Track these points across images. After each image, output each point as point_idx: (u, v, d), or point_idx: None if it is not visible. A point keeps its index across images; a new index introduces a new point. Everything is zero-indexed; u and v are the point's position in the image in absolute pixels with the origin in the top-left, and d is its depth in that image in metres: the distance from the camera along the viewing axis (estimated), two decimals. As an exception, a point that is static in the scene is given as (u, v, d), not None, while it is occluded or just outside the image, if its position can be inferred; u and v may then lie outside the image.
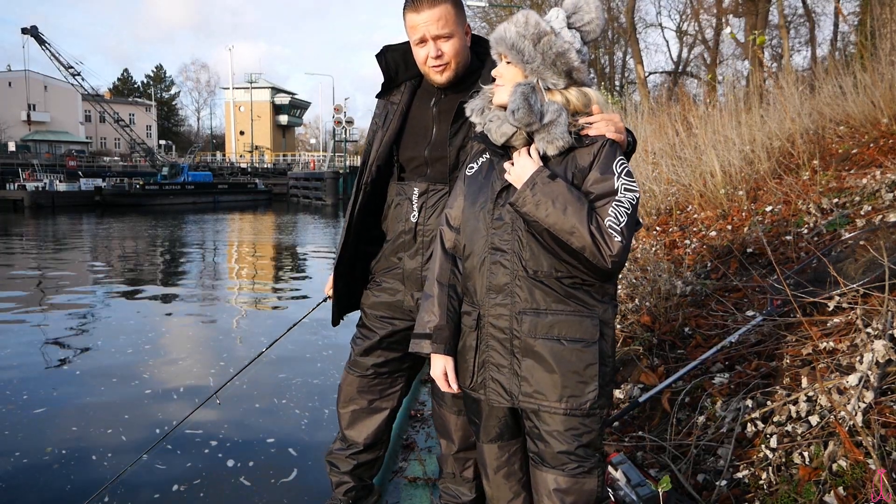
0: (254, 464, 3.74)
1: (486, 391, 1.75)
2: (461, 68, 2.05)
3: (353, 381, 2.33)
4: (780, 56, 19.90)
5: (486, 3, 22.38)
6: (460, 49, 2.01)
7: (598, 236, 1.53)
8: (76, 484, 3.51)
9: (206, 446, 3.96)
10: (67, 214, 30.14)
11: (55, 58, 41.73)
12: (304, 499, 3.35)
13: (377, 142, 2.18)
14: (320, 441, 4.00)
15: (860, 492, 1.84)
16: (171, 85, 76.10)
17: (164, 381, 5.37)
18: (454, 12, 1.97)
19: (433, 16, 1.94)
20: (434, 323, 1.80)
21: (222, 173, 49.61)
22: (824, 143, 5.97)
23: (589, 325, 1.65)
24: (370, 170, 2.19)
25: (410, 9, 1.96)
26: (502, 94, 1.68)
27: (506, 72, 1.67)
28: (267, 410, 4.58)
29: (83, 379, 5.41)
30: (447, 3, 1.96)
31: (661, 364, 3.08)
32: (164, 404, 4.80)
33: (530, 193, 1.58)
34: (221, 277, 12.33)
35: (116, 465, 3.70)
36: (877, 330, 2.25)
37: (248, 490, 3.45)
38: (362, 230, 2.26)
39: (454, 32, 1.98)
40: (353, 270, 2.33)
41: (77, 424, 4.35)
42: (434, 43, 1.98)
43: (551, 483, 1.70)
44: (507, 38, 1.63)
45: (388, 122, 2.17)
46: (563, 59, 1.61)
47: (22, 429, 4.29)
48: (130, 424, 4.37)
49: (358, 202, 2.21)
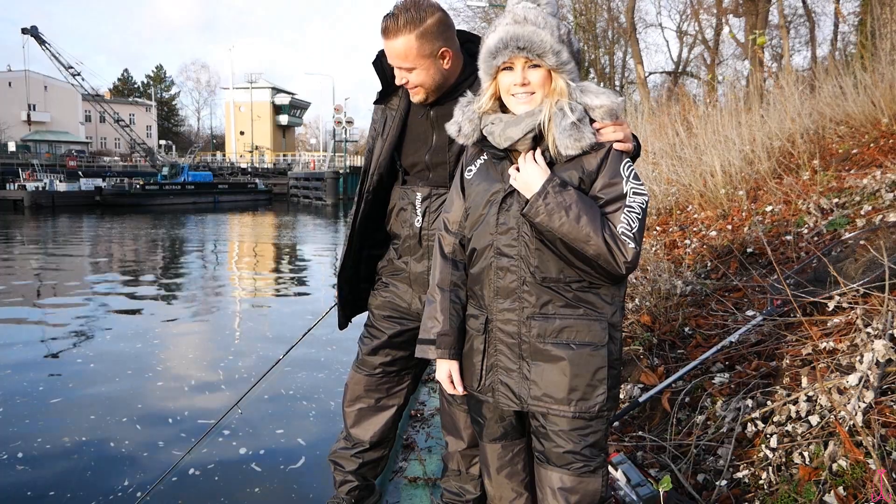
0: (264, 451, 3.92)
1: (495, 394, 1.75)
2: (433, 93, 2.02)
3: (361, 379, 2.33)
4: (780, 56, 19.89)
5: (487, 3, 22.37)
6: (426, 78, 1.97)
7: (612, 244, 1.53)
8: (95, 469, 3.72)
9: (219, 434, 4.13)
10: (67, 214, 30.16)
11: (55, 58, 41.74)
12: (312, 485, 3.48)
13: (377, 150, 2.18)
14: (327, 431, 4.18)
15: (860, 492, 1.84)
16: (171, 85, 76.19)
17: (176, 373, 5.56)
18: (417, 45, 1.90)
19: (394, 49, 1.93)
20: (438, 328, 1.80)
21: (222, 173, 49.61)
22: (824, 143, 5.97)
23: (598, 328, 1.65)
24: (371, 179, 2.19)
25: (381, 33, 1.95)
26: (532, 104, 1.62)
27: (535, 77, 1.60)
28: (275, 402, 4.74)
29: (96, 371, 5.61)
30: (410, 35, 1.89)
31: (661, 364, 3.08)
32: (176, 395, 4.98)
33: (543, 203, 1.55)
34: (224, 276, 12.37)
35: (133, 451, 3.93)
36: (877, 330, 2.25)
37: (258, 475, 3.62)
38: (365, 236, 2.28)
39: (416, 64, 1.94)
40: (358, 274, 2.34)
41: (94, 413, 4.57)
42: (398, 71, 1.98)
43: (556, 482, 1.71)
44: (542, 44, 1.55)
45: (388, 128, 2.17)
46: (578, 55, 1.62)
47: (41, 417, 4.52)
48: (144, 414, 4.56)
49: (360, 211, 2.22)
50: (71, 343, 6.62)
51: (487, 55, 1.63)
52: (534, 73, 1.60)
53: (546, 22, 1.57)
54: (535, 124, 1.61)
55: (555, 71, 1.59)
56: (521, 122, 1.63)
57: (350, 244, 2.26)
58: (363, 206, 2.21)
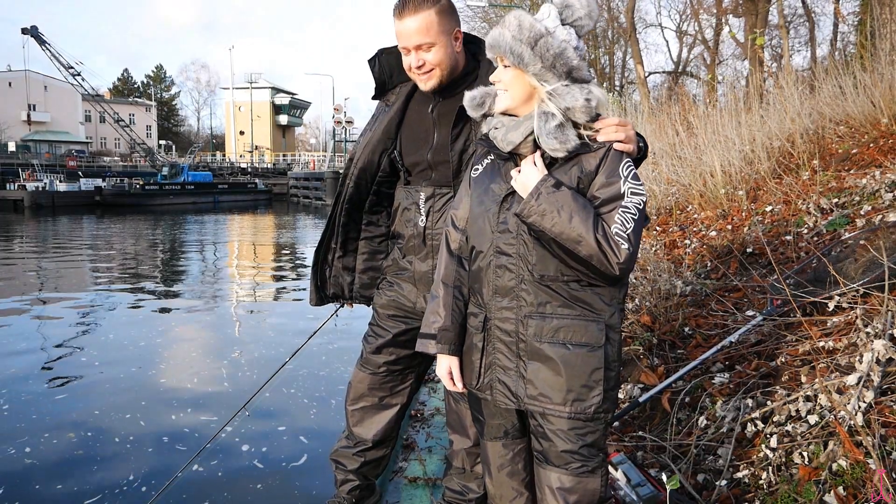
0: (267, 449, 3.96)
1: (493, 392, 1.77)
2: (447, 75, 2.03)
3: (365, 378, 2.33)
4: (780, 56, 19.90)
5: (486, 3, 22.37)
6: (444, 57, 1.99)
7: (604, 244, 1.53)
8: (101, 464, 3.80)
9: (222, 432, 4.15)
10: (67, 214, 30.16)
11: (55, 58, 41.73)
12: (314, 482, 3.51)
13: (364, 140, 2.23)
14: (329, 429, 4.21)
15: (860, 491, 1.84)
16: (171, 85, 76.21)
17: (179, 370, 5.63)
18: (437, 20, 1.94)
19: (414, 25, 1.92)
20: (439, 324, 1.82)
21: (222, 173, 49.54)
22: (824, 143, 5.97)
23: (595, 329, 1.65)
24: (355, 164, 2.24)
25: (395, 16, 1.96)
26: (505, 100, 1.67)
27: (505, 76, 1.66)
28: (277, 400, 4.78)
29: (100, 369, 5.67)
30: (430, 10, 1.92)
31: (661, 364, 3.09)
32: (179, 392, 5.04)
33: (535, 203, 1.57)
34: (225, 275, 12.37)
35: (138, 446, 4.01)
36: (876, 329, 2.25)
37: (261, 472, 3.66)
38: (349, 223, 2.32)
39: (437, 41, 1.95)
40: (346, 258, 2.39)
41: (99, 409, 4.66)
42: (416, 53, 1.97)
43: (555, 482, 1.72)
44: (503, 44, 1.60)
45: (378, 121, 2.20)
46: (561, 60, 1.59)
47: (47, 413, 4.60)
48: (148, 410, 4.62)
49: (341, 196, 2.28)
50: (74, 341, 6.68)
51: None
52: (505, 72, 1.65)
53: (518, 25, 1.59)
54: (532, 127, 1.65)
55: (522, 72, 1.62)
56: (521, 126, 1.66)
57: (331, 224, 2.33)
58: (344, 192, 2.27)
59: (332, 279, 2.43)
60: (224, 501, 3.32)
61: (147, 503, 3.04)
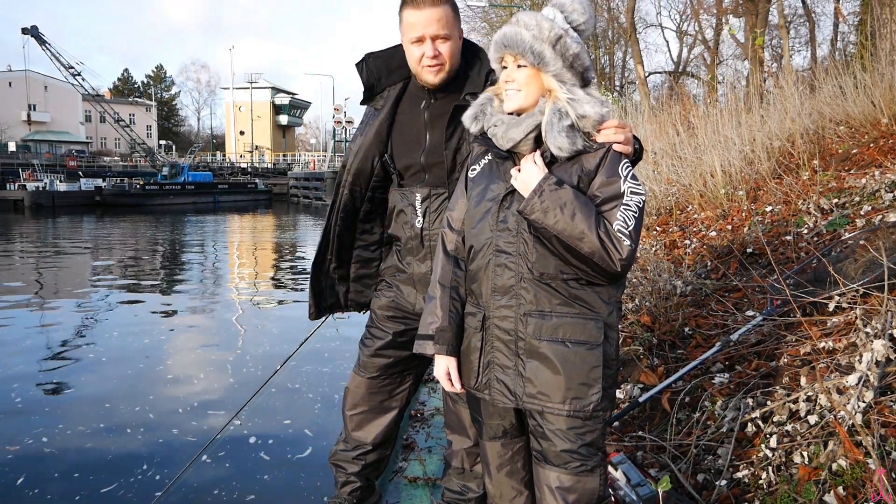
0: (273, 441, 4.06)
1: (491, 391, 1.77)
2: (453, 71, 2.05)
3: (362, 383, 2.32)
4: (780, 56, 19.90)
5: (486, 3, 22.37)
6: (455, 51, 2.03)
7: (606, 241, 1.54)
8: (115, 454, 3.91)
9: (229, 424, 4.25)
10: (68, 214, 30.16)
11: (55, 58, 41.74)
12: (319, 474, 3.56)
13: (356, 146, 2.22)
14: (332, 422, 4.25)
15: (860, 491, 1.84)
16: (171, 85, 76.23)
17: (185, 366, 5.75)
18: (453, 15, 2.00)
19: (435, 15, 1.94)
20: (437, 324, 1.82)
21: (222, 173, 49.55)
22: (824, 143, 5.97)
23: (593, 327, 1.65)
24: (348, 171, 2.23)
25: (410, 6, 1.96)
26: (518, 100, 1.67)
27: (519, 76, 1.66)
28: (282, 394, 4.87)
29: (107, 365, 5.79)
30: (447, 4, 1.97)
31: (661, 364, 3.09)
32: (186, 387, 5.15)
33: (538, 201, 1.58)
34: (225, 274, 12.40)
35: (148, 438, 4.13)
36: (876, 329, 2.25)
37: (267, 463, 3.76)
38: (343, 231, 2.30)
39: (452, 34, 1.99)
40: (341, 269, 2.37)
41: (109, 402, 4.77)
42: (432, 42, 1.98)
43: (554, 481, 1.72)
44: (521, 43, 1.61)
45: (367, 127, 2.19)
46: (579, 60, 1.63)
47: (59, 406, 4.77)
48: (156, 404, 4.74)
49: (336, 205, 2.26)
50: (79, 339, 6.78)
51: (491, 53, 1.72)
52: (520, 72, 1.66)
53: (536, 25, 1.62)
54: (536, 125, 1.65)
55: (541, 72, 1.63)
56: (522, 123, 1.67)
57: (327, 235, 2.32)
58: (338, 200, 2.26)
59: (328, 290, 2.42)
60: (232, 490, 3.41)
61: (160, 492, 3.12)
